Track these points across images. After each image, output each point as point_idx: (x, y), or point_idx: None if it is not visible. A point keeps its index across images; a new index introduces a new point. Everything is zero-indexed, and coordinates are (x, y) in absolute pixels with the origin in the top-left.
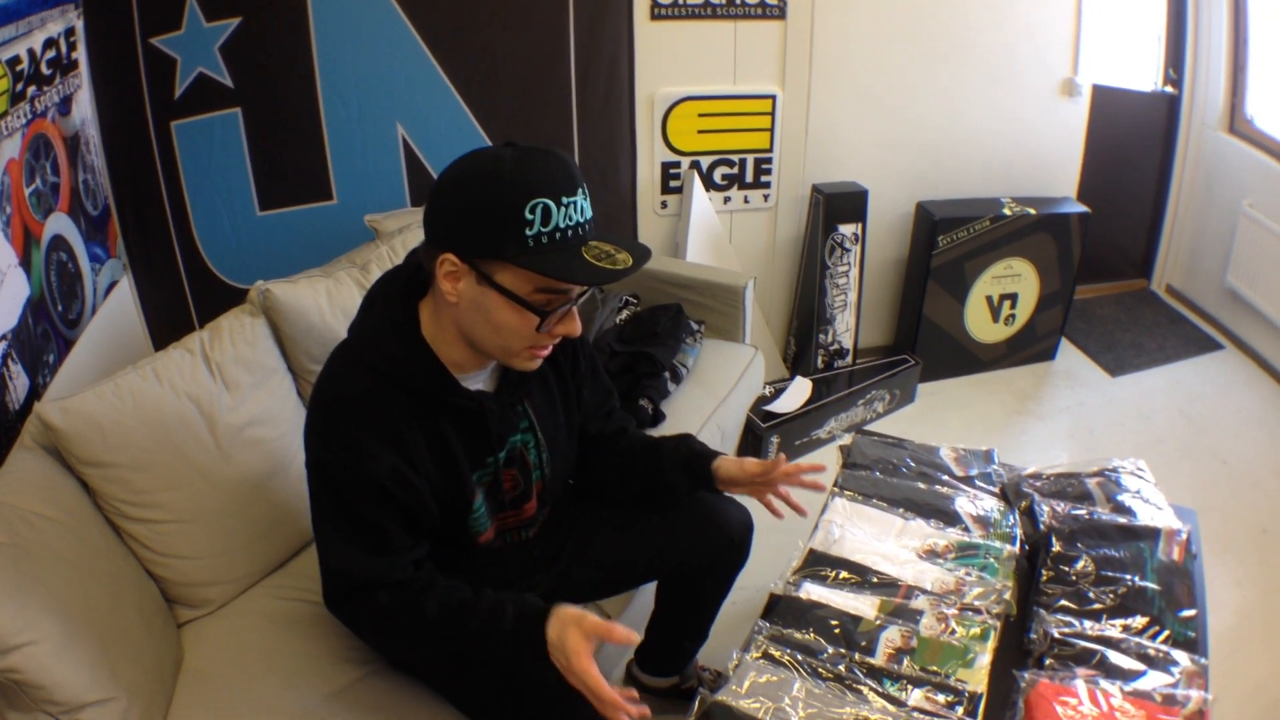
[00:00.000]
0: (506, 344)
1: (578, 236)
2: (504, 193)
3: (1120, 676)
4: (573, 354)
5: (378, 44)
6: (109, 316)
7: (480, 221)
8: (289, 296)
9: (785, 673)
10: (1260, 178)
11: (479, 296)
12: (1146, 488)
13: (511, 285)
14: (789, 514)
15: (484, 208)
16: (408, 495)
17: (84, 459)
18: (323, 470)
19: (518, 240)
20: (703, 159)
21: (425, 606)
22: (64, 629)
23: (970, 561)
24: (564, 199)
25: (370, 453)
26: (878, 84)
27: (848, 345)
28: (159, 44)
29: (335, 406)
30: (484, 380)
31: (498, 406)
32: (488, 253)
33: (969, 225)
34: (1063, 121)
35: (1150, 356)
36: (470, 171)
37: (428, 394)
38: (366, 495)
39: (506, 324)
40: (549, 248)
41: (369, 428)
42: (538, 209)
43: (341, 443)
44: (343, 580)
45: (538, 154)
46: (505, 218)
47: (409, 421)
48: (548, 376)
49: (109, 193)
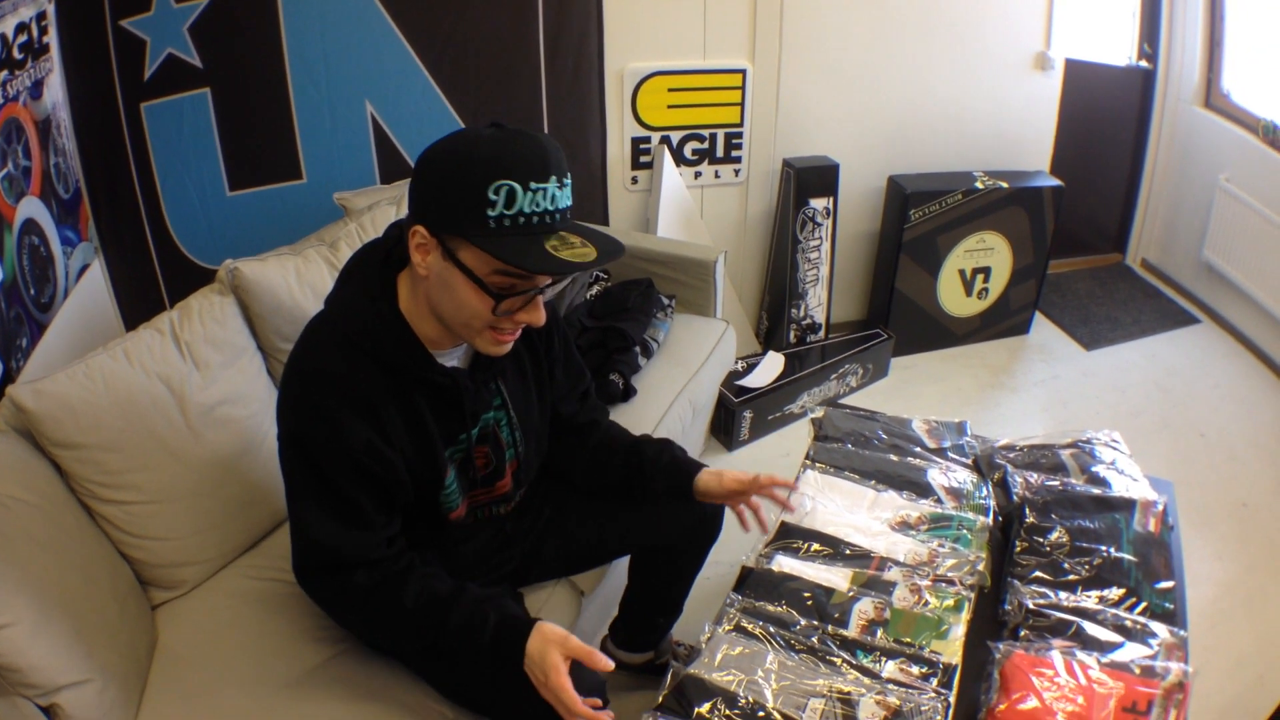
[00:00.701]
0: (467, 322)
1: (544, 224)
2: (471, 171)
3: (1097, 648)
4: (547, 333)
5: (346, 22)
6: (81, 300)
7: (447, 197)
8: (258, 275)
9: (758, 645)
10: (1237, 152)
11: (444, 272)
12: (1121, 459)
13: (472, 264)
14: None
15: (451, 184)
16: (382, 468)
17: (56, 441)
18: (297, 443)
19: (479, 220)
20: (673, 134)
21: (404, 595)
22: (39, 611)
23: (943, 533)
24: (532, 184)
25: (345, 425)
26: (849, 57)
27: (820, 320)
28: (129, 26)
29: (310, 379)
30: (459, 357)
31: (472, 384)
32: (451, 229)
33: (941, 199)
34: (1035, 95)
35: (1125, 330)
36: (448, 147)
37: (403, 368)
38: (341, 468)
39: (466, 302)
40: (510, 231)
41: (344, 400)
42: (502, 190)
43: (316, 415)
44: (317, 553)
45: (517, 137)
46: (469, 196)
47: (384, 395)
48: (521, 355)
49: (80, 176)
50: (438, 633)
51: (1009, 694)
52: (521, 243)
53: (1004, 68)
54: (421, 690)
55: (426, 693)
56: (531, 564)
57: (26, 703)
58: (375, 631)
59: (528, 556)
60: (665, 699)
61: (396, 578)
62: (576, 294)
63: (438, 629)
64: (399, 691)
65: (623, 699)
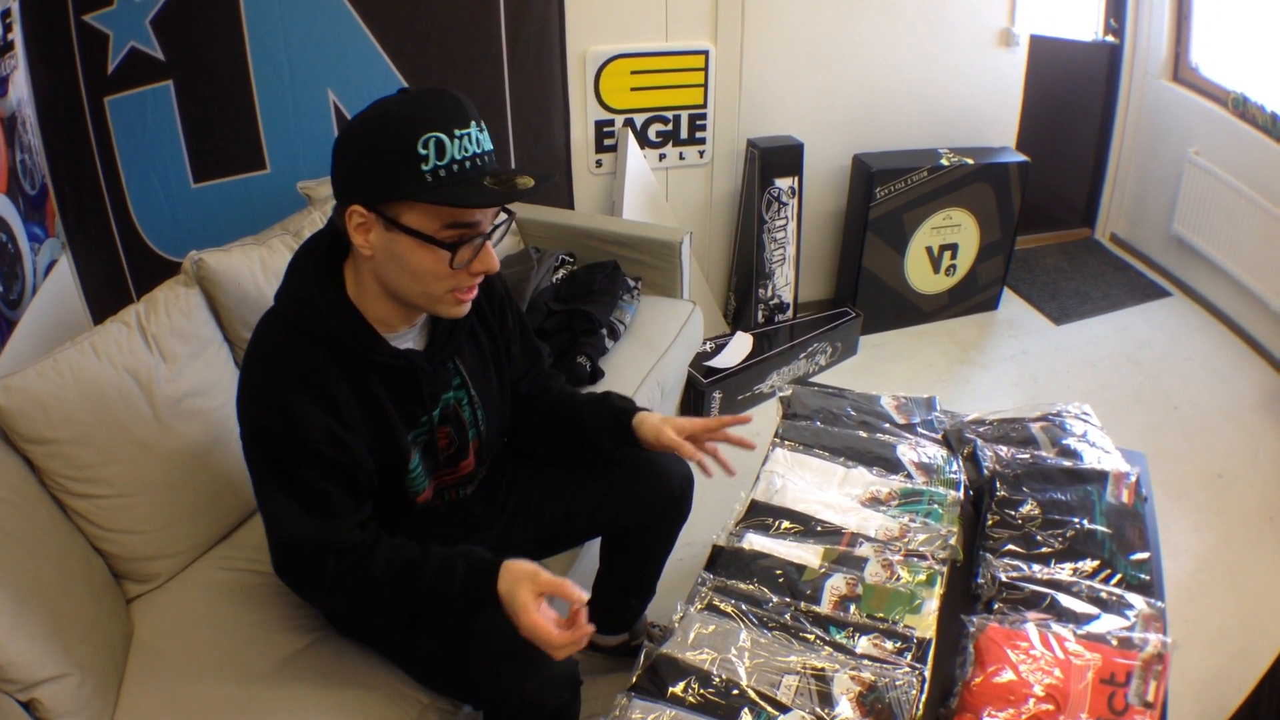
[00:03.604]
0: (427, 289)
1: (476, 168)
2: (393, 131)
3: (1072, 620)
4: (500, 310)
5: (307, 10)
6: (49, 296)
7: (377, 164)
8: (222, 265)
9: (730, 623)
10: (1206, 126)
11: (390, 243)
12: (1092, 431)
13: (419, 225)
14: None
15: (377, 149)
16: (344, 456)
17: (27, 436)
18: (258, 437)
19: (416, 177)
20: (637, 117)
21: (372, 565)
22: (15, 607)
23: (914, 508)
24: (456, 131)
25: (302, 415)
26: (812, 36)
27: (788, 299)
28: (91, 20)
29: (265, 371)
30: (413, 339)
31: (429, 365)
32: (390, 194)
33: (906, 176)
34: (1000, 72)
35: (1095, 304)
36: (363, 120)
37: (356, 354)
38: (303, 458)
39: (421, 267)
40: (448, 181)
41: (300, 390)
42: (430, 143)
43: (273, 407)
44: (290, 547)
45: (426, 93)
46: (399, 157)
47: (339, 383)
48: (477, 333)
49: (46, 171)
50: (411, 596)
51: (984, 667)
52: (461, 188)
53: (968, 45)
54: (395, 675)
55: (400, 678)
56: (502, 547)
57: (6, 698)
58: (352, 608)
59: (498, 540)
60: (639, 679)
61: (366, 554)
62: (542, 278)
63: (410, 592)
64: (373, 677)
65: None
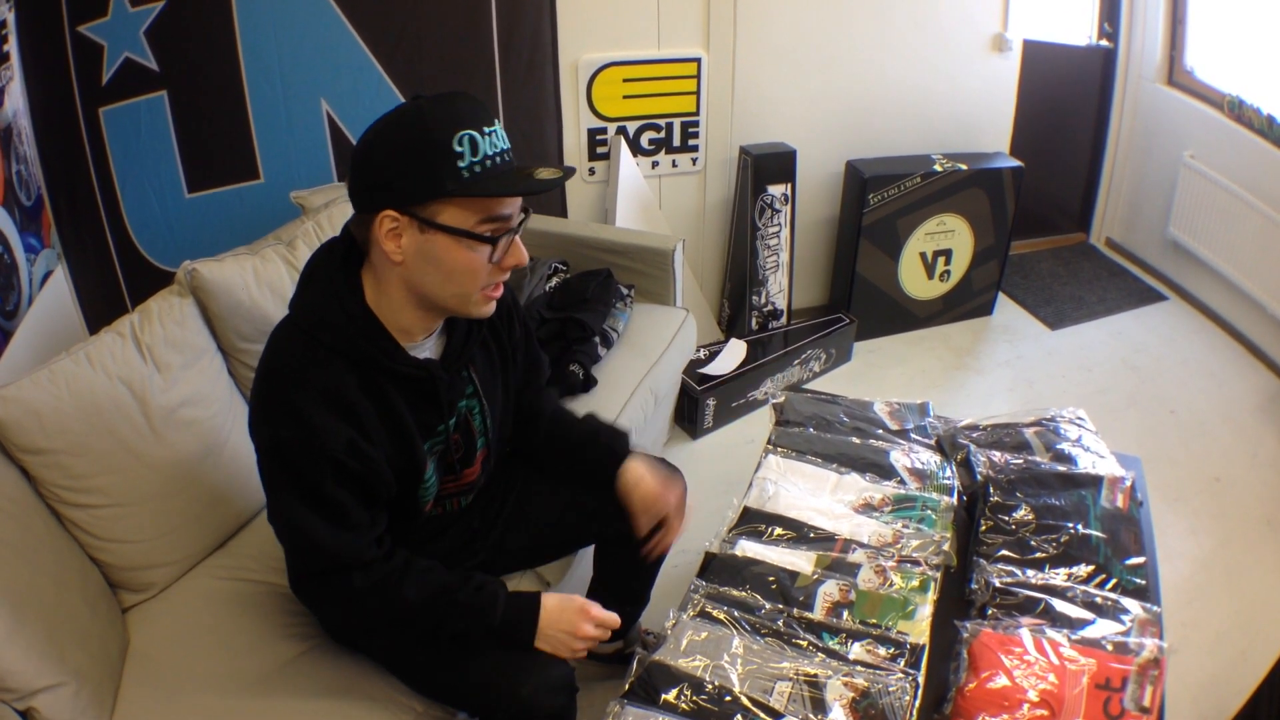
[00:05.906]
0: (463, 288)
1: (505, 163)
2: (430, 131)
3: (1067, 625)
4: (509, 318)
5: (300, 21)
6: (45, 307)
7: (414, 165)
8: (216, 275)
9: (723, 630)
10: (1202, 129)
11: (425, 245)
12: (1087, 436)
13: (457, 222)
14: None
15: (412, 151)
16: (365, 467)
17: (23, 446)
18: (277, 451)
19: (454, 174)
20: (629, 124)
21: (405, 588)
22: (12, 616)
23: (907, 514)
24: (485, 129)
25: (323, 427)
26: (804, 43)
27: (781, 306)
28: (86, 31)
29: (283, 384)
30: (430, 348)
31: (446, 374)
32: (427, 194)
33: (899, 182)
34: (993, 77)
35: (1091, 309)
36: (391, 124)
37: (375, 364)
38: (324, 470)
39: (458, 265)
40: (483, 176)
41: (319, 402)
42: (465, 140)
43: (293, 420)
44: (312, 559)
45: (449, 95)
46: (437, 154)
47: (358, 393)
48: (488, 341)
49: (41, 182)
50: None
51: (978, 673)
52: (499, 181)
53: (961, 50)
54: (390, 684)
55: (395, 686)
56: (497, 556)
57: (3, 706)
58: (379, 629)
59: (494, 549)
60: (632, 686)
61: (395, 574)
62: (535, 286)
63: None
64: (368, 686)
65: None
